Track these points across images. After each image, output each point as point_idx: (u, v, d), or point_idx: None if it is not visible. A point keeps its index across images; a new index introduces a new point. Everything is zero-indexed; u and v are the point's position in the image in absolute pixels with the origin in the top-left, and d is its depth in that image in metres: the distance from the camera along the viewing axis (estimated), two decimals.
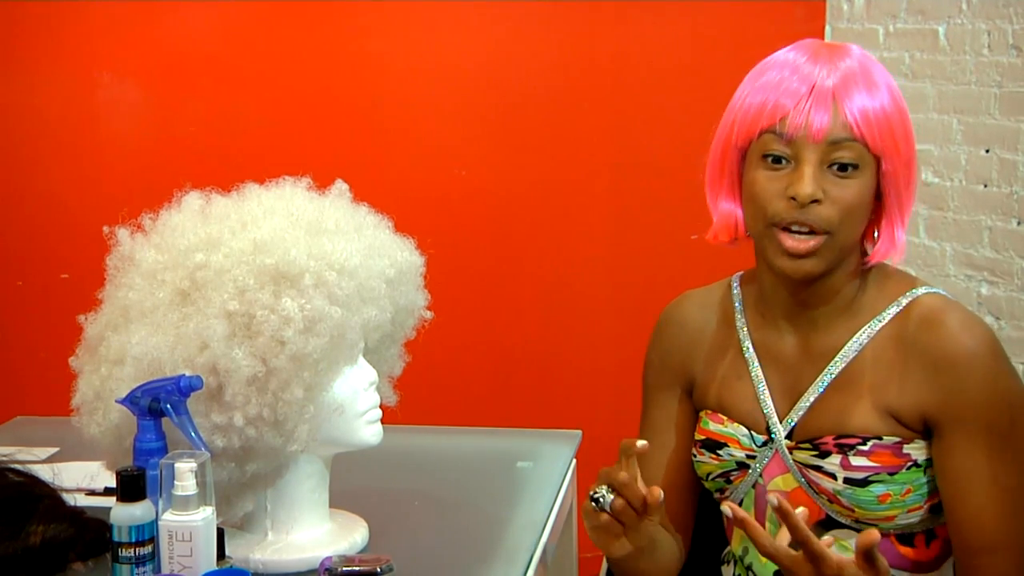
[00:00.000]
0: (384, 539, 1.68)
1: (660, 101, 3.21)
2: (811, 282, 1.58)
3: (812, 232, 1.53)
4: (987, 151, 2.99)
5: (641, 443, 1.44)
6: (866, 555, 1.39)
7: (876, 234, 1.60)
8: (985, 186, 3.00)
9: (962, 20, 3.03)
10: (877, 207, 1.58)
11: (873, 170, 1.54)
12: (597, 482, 1.47)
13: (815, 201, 1.51)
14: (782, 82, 1.54)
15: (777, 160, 1.54)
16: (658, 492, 1.43)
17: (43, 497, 1.63)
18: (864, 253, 1.61)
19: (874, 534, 1.38)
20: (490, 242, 3.23)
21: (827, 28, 3.35)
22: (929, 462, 1.57)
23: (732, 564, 1.72)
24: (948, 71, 3.08)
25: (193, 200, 1.62)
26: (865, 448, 1.56)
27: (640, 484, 1.44)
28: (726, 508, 1.45)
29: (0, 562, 1.55)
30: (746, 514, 1.44)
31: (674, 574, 1.72)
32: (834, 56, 1.55)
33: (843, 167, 1.52)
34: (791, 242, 1.53)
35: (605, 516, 1.46)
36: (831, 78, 1.52)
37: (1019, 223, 2.92)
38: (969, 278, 3.07)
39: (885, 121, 1.53)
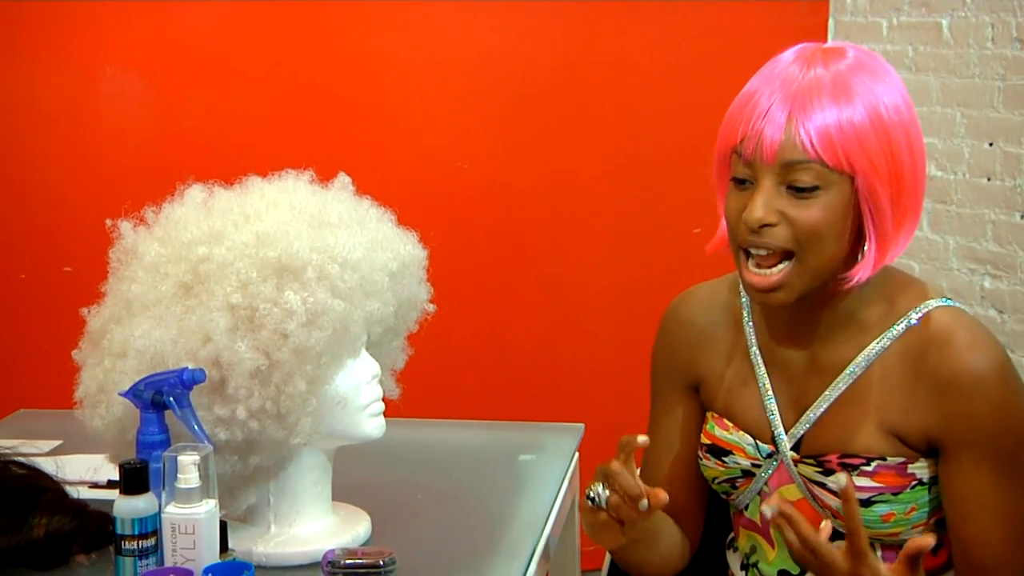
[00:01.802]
0: (387, 532, 1.68)
1: (663, 95, 3.21)
2: (799, 302, 1.53)
3: (773, 259, 1.48)
4: (991, 144, 2.98)
5: (642, 439, 1.42)
6: (911, 560, 1.38)
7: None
8: (989, 179, 3.00)
9: (966, 13, 3.03)
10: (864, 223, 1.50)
11: (844, 187, 1.47)
12: (594, 479, 1.46)
13: (768, 224, 1.47)
14: (752, 95, 1.49)
15: (741, 181, 1.50)
16: (664, 496, 1.41)
17: (46, 490, 1.64)
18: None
19: (927, 541, 1.37)
20: (493, 236, 3.23)
21: (831, 22, 3.35)
22: (934, 480, 1.55)
23: (737, 553, 1.71)
24: (952, 64, 3.08)
25: (196, 193, 1.62)
26: (869, 469, 1.54)
27: (639, 482, 1.42)
28: (766, 509, 1.39)
29: (3, 554, 1.56)
30: (792, 511, 1.40)
31: (678, 561, 1.71)
32: (814, 64, 1.48)
33: (800, 189, 1.46)
34: (755, 278, 1.50)
35: (603, 514, 1.45)
36: (793, 90, 1.46)
37: (1023, 217, 2.92)
38: (972, 272, 3.06)
39: (850, 136, 1.45)
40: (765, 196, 1.47)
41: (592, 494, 1.44)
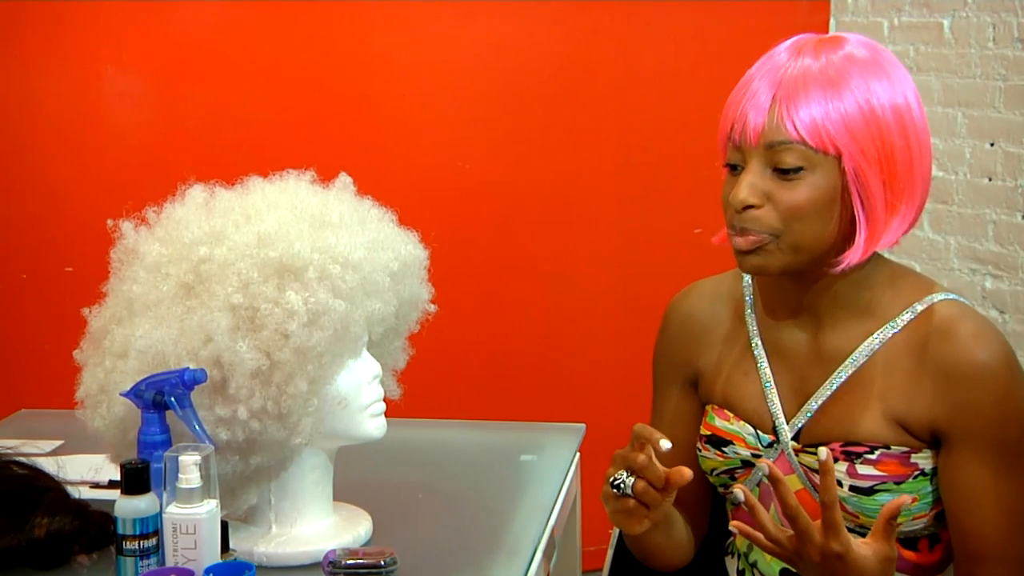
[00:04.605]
0: (388, 532, 1.68)
1: (664, 95, 3.21)
2: (797, 281, 1.56)
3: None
4: (992, 144, 2.98)
5: (665, 445, 1.42)
6: (886, 530, 1.41)
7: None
8: (990, 179, 3.00)
9: (967, 13, 3.03)
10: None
11: (831, 169, 1.49)
12: (613, 466, 1.45)
13: (752, 207, 1.50)
14: (744, 84, 1.53)
15: (733, 167, 1.54)
16: (687, 472, 1.42)
17: (47, 490, 1.64)
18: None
19: (902, 499, 1.42)
20: (494, 236, 3.23)
21: (832, 21, 3.35)
22: (936, 471, 1.55)
23: (736, 557, 1.72)
24: (953, 64, 3.08)
25: (197, 193, 1.62)
26: (872, 457, 1.54)
27: (658, 464, 1.43)
28: (738, 492, 1.44)
29: (5, 554, 1.56)
30: (756, 501, 1.45)
31: (687, 549, 1.72)
32: (805, 53, 1.51)
33: (784, 171, 1.49)
34: (738, 240, 1.53)
35: (630, 501, 1.45)
36: (781, 77, 1.49)
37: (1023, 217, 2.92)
38: (974, 272, 3.06)
39: (835, 119, 1.47)
40: (750, 178, 1.51)
41: (618, 482, 1.44)
